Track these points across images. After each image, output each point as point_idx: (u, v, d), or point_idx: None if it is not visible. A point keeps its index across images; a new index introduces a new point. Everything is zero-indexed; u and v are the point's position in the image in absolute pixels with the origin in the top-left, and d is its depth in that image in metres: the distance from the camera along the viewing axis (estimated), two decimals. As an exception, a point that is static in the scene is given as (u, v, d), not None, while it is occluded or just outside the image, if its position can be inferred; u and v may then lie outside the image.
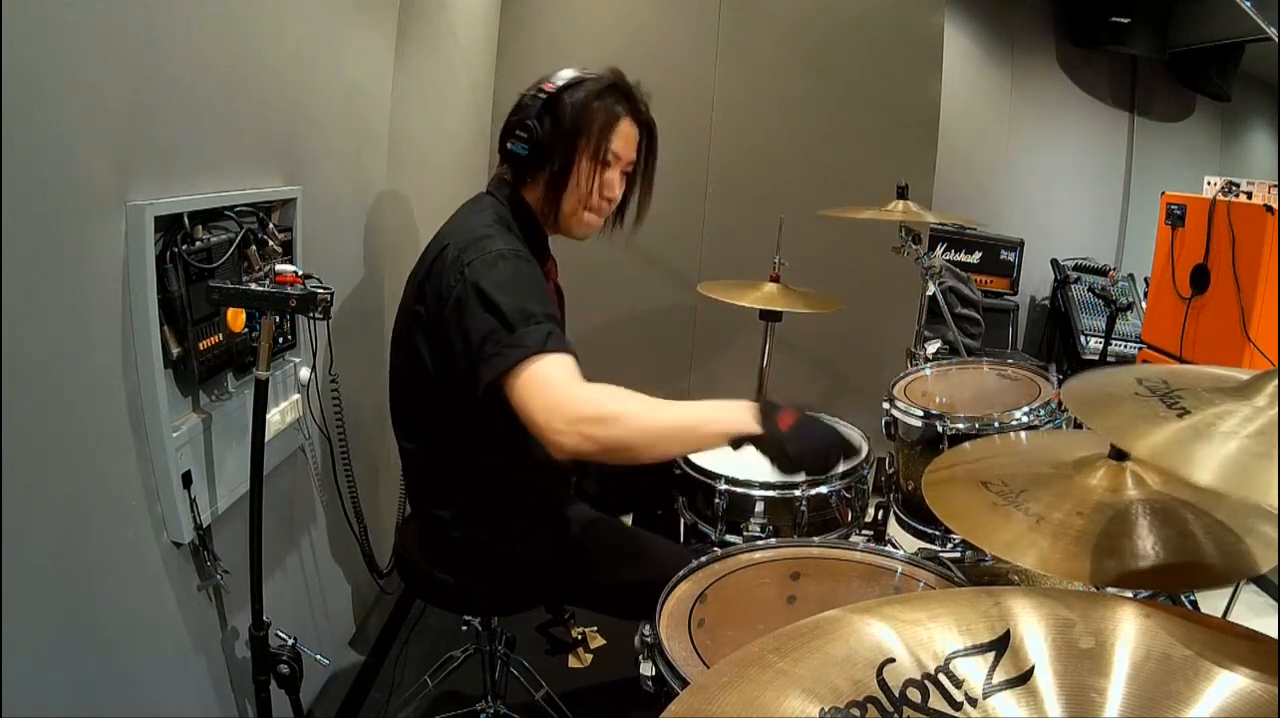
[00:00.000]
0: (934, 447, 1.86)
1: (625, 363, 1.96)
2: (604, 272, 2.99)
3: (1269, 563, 0.88)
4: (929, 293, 2.37)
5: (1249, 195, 2.82)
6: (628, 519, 1.95)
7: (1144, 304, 3.81)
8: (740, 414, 1.20)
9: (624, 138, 1.50)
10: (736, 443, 1.21)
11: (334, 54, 1.74)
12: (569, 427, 1.16)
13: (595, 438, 1.17)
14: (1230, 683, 0.60)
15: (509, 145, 1.48)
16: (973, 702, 0.62)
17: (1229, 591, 1.95)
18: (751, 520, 1.67)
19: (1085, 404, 0.80)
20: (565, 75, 1.47)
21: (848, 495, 1.75)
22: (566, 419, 1.17)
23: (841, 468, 1.61)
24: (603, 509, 1.63)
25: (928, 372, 2.20)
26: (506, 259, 1.34)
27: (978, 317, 4.09)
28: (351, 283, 1.96)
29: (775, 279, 2.28)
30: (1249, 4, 2.20)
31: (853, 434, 1.90)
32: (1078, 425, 1.84)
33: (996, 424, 1.84)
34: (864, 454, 1.79)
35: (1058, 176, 4.81)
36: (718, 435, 1.21)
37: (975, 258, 4.42)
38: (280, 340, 1.54)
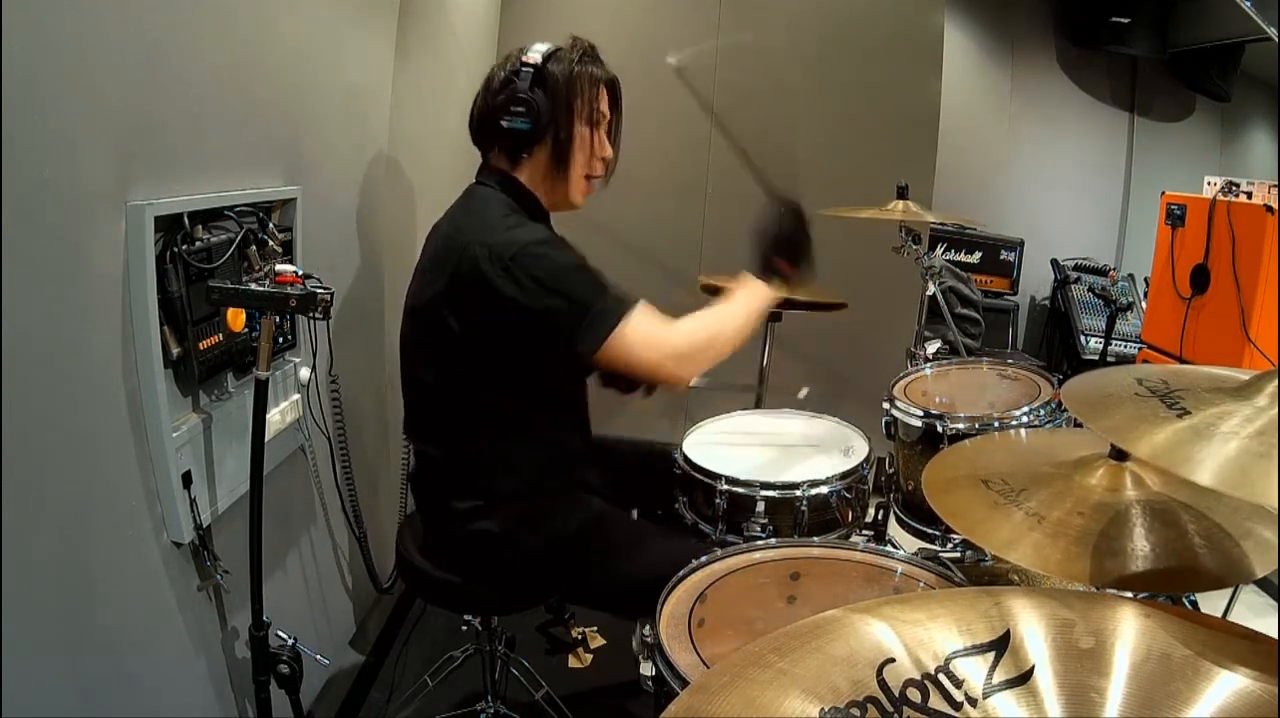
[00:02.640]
0: (934, 447, 1.86)
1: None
2: (604, 271, 2.99)
3: (1268, 567, 0.88)
4: (929, 293, 2.37)
5: (1249, 195, 2.82)
6: (631, 514, 1.95)
7: (1144, 304, 3.81)
8: (764, 292, 1.54)
9: (604, 98, 1.54)
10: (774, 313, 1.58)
11: (334, 54, 1.74)
12: (689, 363, 1.42)
13: (708, 358, 1.44)
14: (1230, 683, 0.60)
15: (504, 123, 1.46)
16: (973, 702, 0.61)
17: (1229, 591, 1.95)
18: (752, 520, 1.67)
19: (1085, 405, 0.80)
20: (540, 47, 1.49)
21: (848, 496, 1.75)
22: (683, 357, 1.41)
23: (819, 459, 1.77)
24: (608, 499, 1.63)
25: (928, 372, 2.20)
26: (550, 244, 1.40)
27: (978, 317, 4.09)
28: (351, 283, 1.95)
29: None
30: (1249, 4, 2.20)
31: (843, 433, 1.90)
32: (1078, 425, 1.84)
33: (996, 424, 1.84)
34: (853, 457, 1.79)
35: (1058, 177, 4.80)
36: (761, 313, 1.53)
37: (975, 258, 4.42)
38: (280, 340, 1.54)
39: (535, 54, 1.47)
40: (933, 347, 2.40)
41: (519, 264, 1.33)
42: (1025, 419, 1.84)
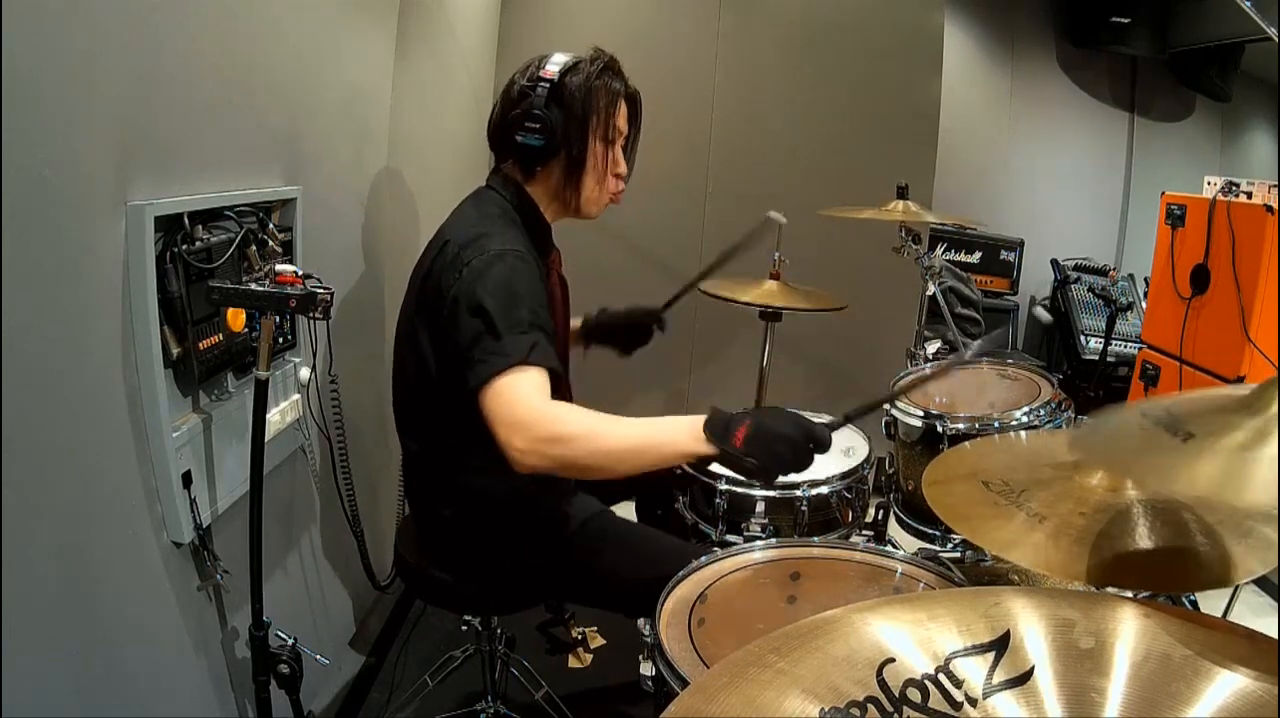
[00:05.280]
0: (934, 447, 1.86)
1: (625, 364, 1.96)
2: (604, 272, 2.99)
3: (1268, 565, 0.88)
4: (929, 293, 2.37)
5: (1249, 195, 2.82)
6: (629, 506, 1.94)
7: (1144, 304, 3.81)
8: (692, 436, 1.19)
9: (622, 114, 1.52)
10: (698, 463, 1.22)
11: (334, 54, 1.74)
12: (528, 444, 1.18)
13: (552, 456, 1.19)
14: (1230, 683, 0.60)
15: (519, 138, 1.45)
16: (973, 702, 0.62)
17: (1229, 590, 1.95)
18: (752, 520, 1.67)
19: (1097, 454, 0.79)
20: (559, 60, 1.47)
21: (848, 496, 1.75)
22: (526, 438, 1.19)
23: (829, 470, 1.65)
24: (602, 496, 1.63)
25: (928, 372, 2.20)
26: (504, 259, 1.33)
27: (978, 317, 4.09)
28: (351, 283, 1.95)
29: (775, 277, 2.28)
30: (1249, 4, 2.20)
31: (842, 433, 1.90)
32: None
33: (996, 424, 1.84)
34: (853, 457, 1.79)
35: (1058, 176, 4.80)
36: (673, 457, 1.23)
37: (975, 258, 4.42)
38: (280, 340, 1.54)
39: (553, 67, 1.45)
40: (933, 347, 2.40)
41: (470, 269, 1.32)
42: (1025, 419, 1.85)
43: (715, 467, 1.70)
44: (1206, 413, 0.73)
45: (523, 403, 1.21)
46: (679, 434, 1.21)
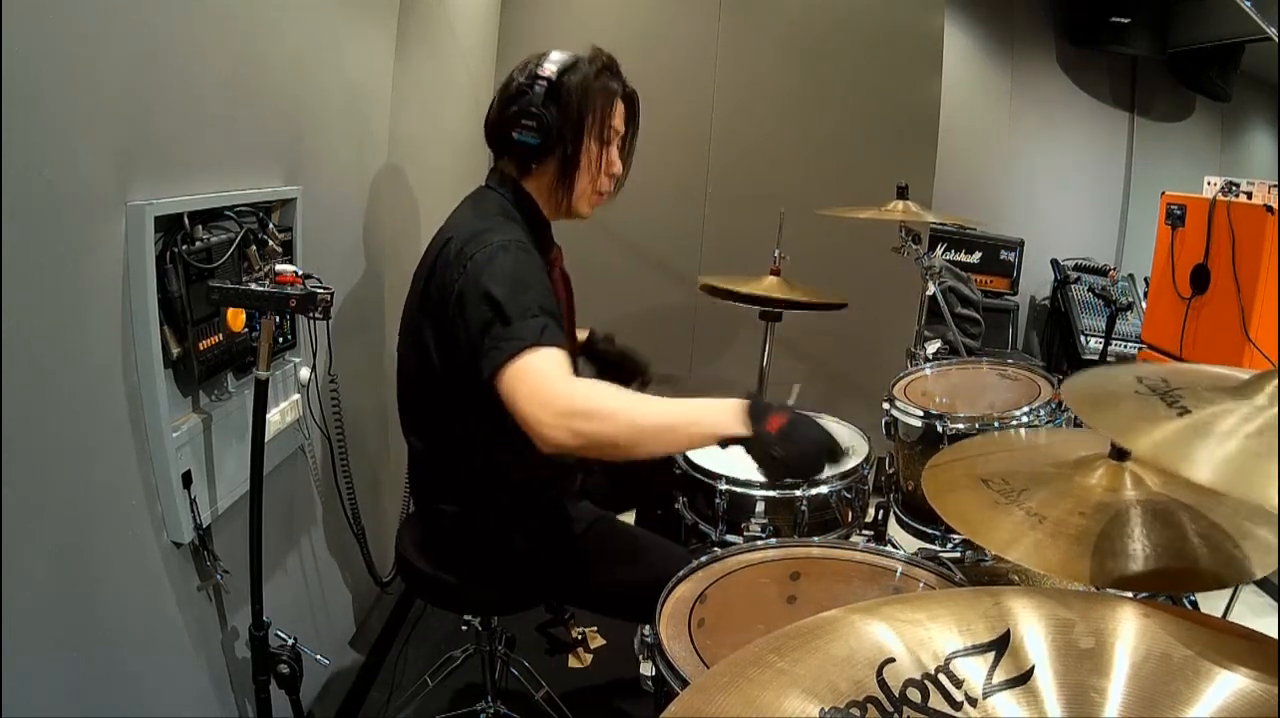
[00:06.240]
0: (934, 447, 1.86)
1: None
2: (604, 272, 2.99)
3: (1268, 567, 0.88)
4: (929, 293, 2.37)
5: (1249, 195, 2.82)
6: (630, 517, 1.95)
7: (1144, 304, 3.81)
8: (729, 416, 1.18)
9: (619, 114, 1.52)
10: (724, 443, 1.20)
11: (334, 54, 1.74)
12: (556, 420, 1.15)
13: (582, 433, 1.16)
14: (1230, 683, 0.60)
15: (515, 135, 1.46)
16: (973, 702, 0.62)
17: (1229, 590, 1.95)
18: (752, 520, 1.67)
19: (1085, 402, 0.80)
20: (558, 58, 1.47)
21: (848, 496, 1.75)
22: (555, 413, 1.16)
23: (827, 473, 1.62)
24: (606, 505, 1.63)
25: (928, 372, 2.20)
26: (507, 250, 1.34)
27: (978, 317, 4.09)
28: (351, 283, 1.95)
29: (776, 273, 2.28)
30: (1249, 4, 2.20)
31: (843, 433, 1.90)
32: (1077, 426, 1.85)
33: (996, 424, 1.84)
34: (853, 457, 1.78)
35: (1058, 176, 4.80)
36: (706, 437, 1.21)
37: (975, 258, 4.42)
38: (280, 340, 1.54)
39: (551, 66, 1.45)
40: (933, 347, 2.41)
41: (474, 262, 1.32)
42: (1025, 419, 1.85)
43: (715, 467, 1.72)
44: (1203, 390, 0.73)
45: (548, 379, 1.19)
46: (715, 415, 1.19)
